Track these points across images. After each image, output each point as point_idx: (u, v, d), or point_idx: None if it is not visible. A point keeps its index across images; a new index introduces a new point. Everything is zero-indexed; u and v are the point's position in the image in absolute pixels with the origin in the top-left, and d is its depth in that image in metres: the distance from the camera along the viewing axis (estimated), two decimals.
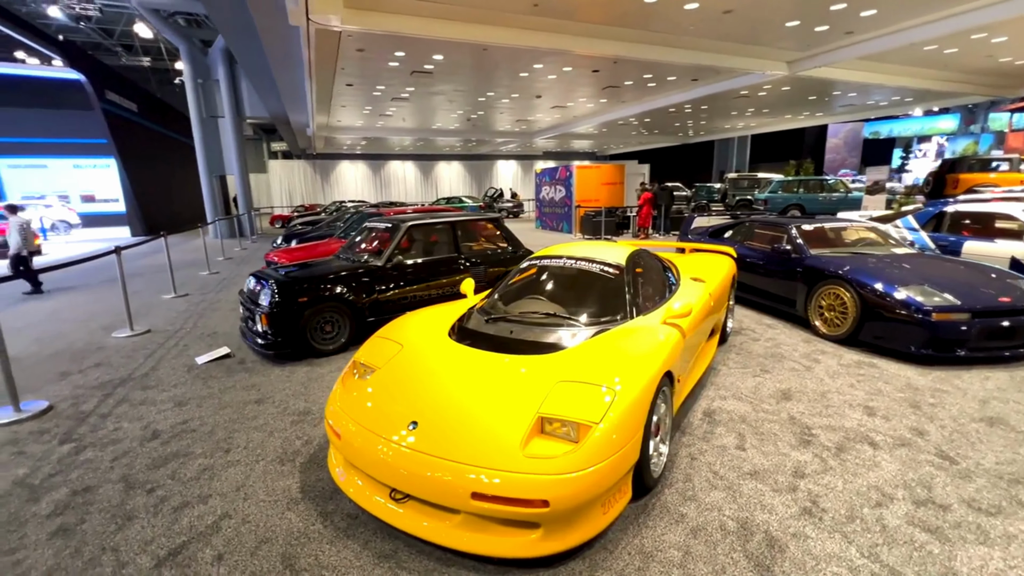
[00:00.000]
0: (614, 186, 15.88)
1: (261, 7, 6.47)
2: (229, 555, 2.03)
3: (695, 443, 2.84)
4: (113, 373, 4.18)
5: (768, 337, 4.75)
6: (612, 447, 1.94)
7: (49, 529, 2.21)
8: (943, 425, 2.98)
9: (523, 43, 8.10)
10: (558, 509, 1.81)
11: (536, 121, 19.92)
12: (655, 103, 14.84)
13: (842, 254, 5.00)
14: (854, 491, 2.36)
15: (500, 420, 2.06)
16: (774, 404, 3.31)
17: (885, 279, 4.20)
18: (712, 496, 2.35)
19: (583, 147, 31.82)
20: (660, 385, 2.35)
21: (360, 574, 1.92)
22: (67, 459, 2.81)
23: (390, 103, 14.08)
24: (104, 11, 18.17)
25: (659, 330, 2.74)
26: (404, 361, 2.62)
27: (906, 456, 2.65)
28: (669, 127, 21.35)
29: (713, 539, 2.06)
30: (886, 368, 3.90)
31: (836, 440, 2.83)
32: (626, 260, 3.28)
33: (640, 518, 2.21)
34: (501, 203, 25.15)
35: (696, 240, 6.83)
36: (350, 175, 27.07)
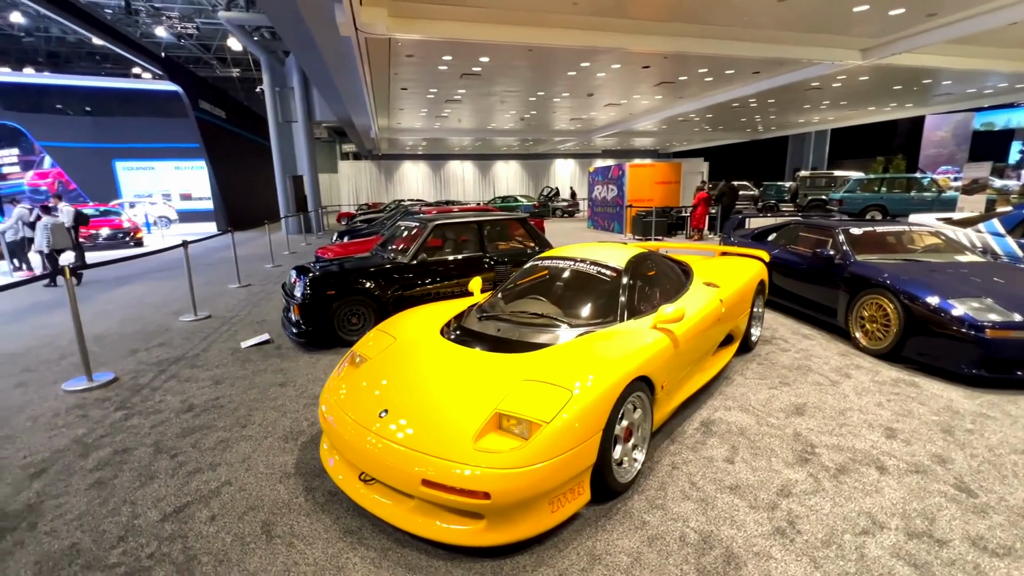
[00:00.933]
0: (669, 185, 15.33)
1: (317, 21, 6.98)
2: (221, 517, 2.29)
3: (682, 452, 2.76)
4: (171, 352, 4.74)
5: (800, 348, 4.45)
6: (560, 447, 1.97)
7: (89, 481, 2.60)
8: (974, 454, 2.67)
9: (566, 42, 8.08)
10: (500, 502, 1.87)
11: (593, 119, 19.66)
12: (715, 98, 14.15)
13: (892, 261, 4.57)
14: (841, 515, 2.21)
15: (460, 413, 2.15)
16: (782, 418, 3.13)
17: (934, 289, 3.80)
18: (682, 507, 2.29)
19: (644, 145, 30.91)
20: (631, 390, 2.33)
21: (324, 545, 2.09)
22: (117, 424, 3.26)
23: (444, 105, 14.55)
24: (202, 28, 20.27)
25: (645, 334, 2.70)
26: (393, 354, 2.78)
27: (916, 484, 2.42)
28: (735, 123, 20.22)
29: (668, 549, 2.03)
30: (927, 388, 3.54)
31: (839, 461, 2.64)
32: (626, 263, 3.25)
33: (600, 521, 2.21)
34: (556, 202, 25.13)
35: (740, 243, 6.50)
36: (412, 175, 28.20)
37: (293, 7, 6.49)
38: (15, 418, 3.37)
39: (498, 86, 12.41)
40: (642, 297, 3.13)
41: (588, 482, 2.16)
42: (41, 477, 2.64)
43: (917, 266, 4.38)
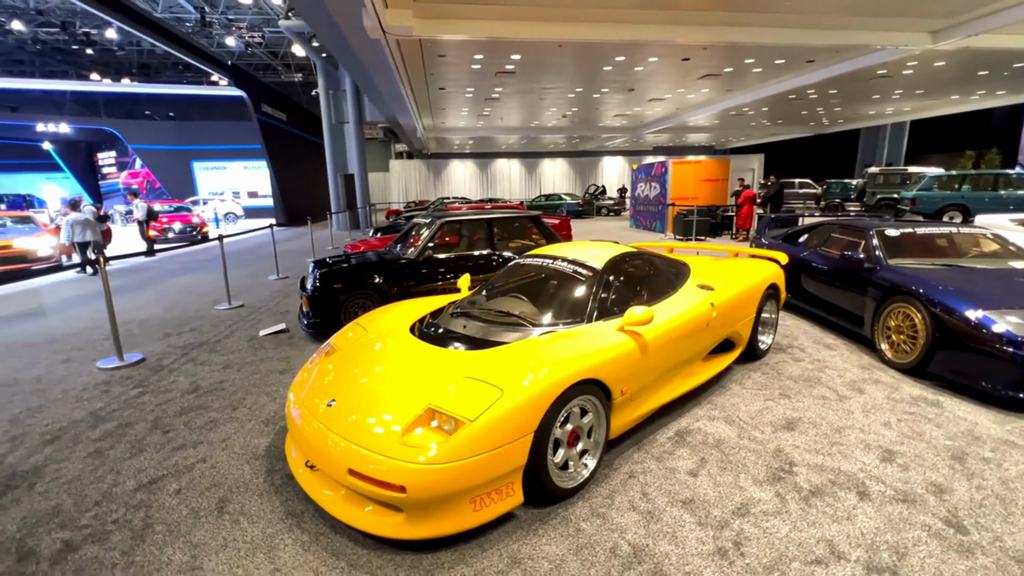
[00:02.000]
0: (716, 183, 14.61)
1: (348, 25, 7.27)
2: (186, 491, 2.46)
3: (646, 461, 2.64)
4: (198, 337, 5.13)
5: (817, 358, 4.11)
6: (482, 445, 1.95)
7: (89, 450, 2.88)
8: (982, 486, 2.36)
9: (596, 36, 7.89)
10: (415, 497, 1.88)
11: (640, 115, 19.10)
12: (767, 90, 13.29)
13: (929, 266, 4.12)
14: (797, 541, 2.03)
15: (398, 406, 2.18)
16: (768, 432, 2.91)
17: (971, 298, 3.38)
18: (625, 517, 2.20)
19: (698, 141, 29.64)
20: (575, 393, 2.26)
21: (265, 525, 2.20)
22: (131, 400, 3.58)
23: (484, 104, 14.67)
24: (269, 37, 21.71)
25: (607, 336, 2.61)
26: (361, 346, 2.86)
27: (899, 514, 2.18)
28: (795, 116, 18.91)
29: (594, 560, 1.95)
30: (951, 409, 3.16)
31: (817, 482, 2.42)
32: (605, 263, 3.15)
33: (534, 525, 2.16)
34: (602, 200, 24.68)
35: (770, 244, 6.10)
36: (459, 173, 28.70)
37: (326, 13, 6.79)
38: (51, 390, 3.79)
39: (534, 83, 12.36)
40: (619, 298, 3.02)
41: (520, 484, 2.12)
42: (53, 444, 2.96)
43: (957, 272, 3.92)
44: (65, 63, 28.61)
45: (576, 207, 23.28)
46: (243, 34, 20.68)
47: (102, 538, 2.13)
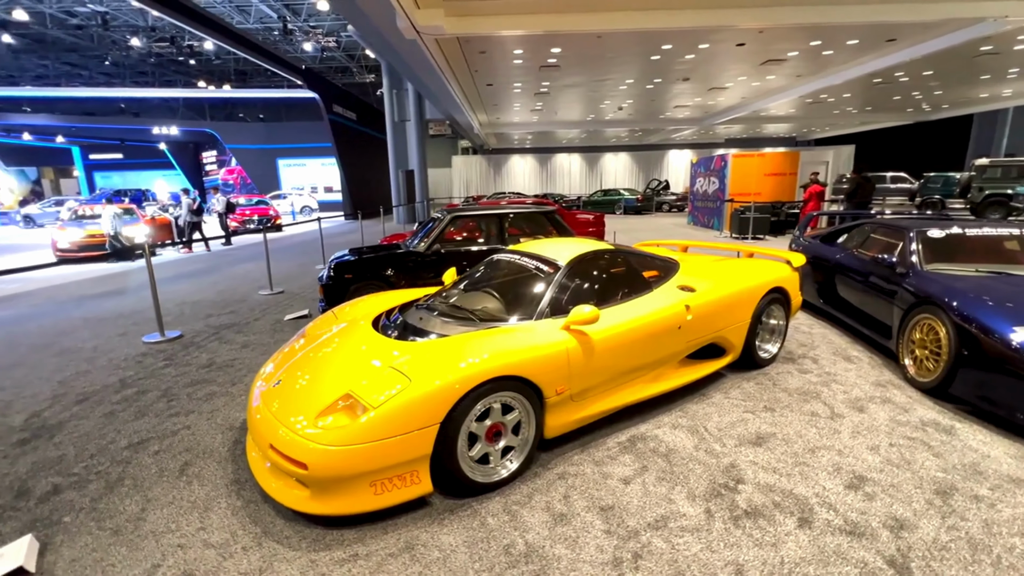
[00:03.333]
0: (782, 177, 13.52)
1: (386, 27, 7.59)
2: (162, 452, 2.78)
3: (584, 463, 2.58)
4: (233, 319, 5.68)
5: (828, 371, 3.73)
6: (382, 432, 2.02)
7: (106, 411, 3.33)
8: (955, 527, 2.05)
9: (634, 25, 7.59)
10: (316, 475, 2.01)
11: (704, 105, 18.03)
12: (844, 74, 11.98)
13: (971, 273, 3.58)
14: (703, 561, 1.90)
15: (325, 390, 2.31)
16: (730, 446, 2.72)
17: (1003, 311, 2.91)
18: (535, 517, 2.18)
19: (777, 131, 27.41)
20: (493, 389, 2.26)
21: (211, 489, 2.44)
22: (157, 371, 4.07)
23: (534, 98, 14.61)
24: (346, 41, 23.17)
25: (547, 334, 2.57)
26: (325, 333, 3.04)
27: (835, 547, 1.96)
28: (885, 101, 16.87)
29: (484, 555, 1.97)
30: (964, 437, 2.75)
31: (758, 503, 2.24)
32: (570, 259, 3.09)
33: (443, 514, 2.21)
34: (664, 196, 23.70)
35: (808, 245, 5.59)
36: (519, 169, 28.82)
37: (365, 17, 7.15)
38: (100, 358, 4.41)
39: (582, 76, 12.11)
40: (579, 296, 2.95)
41: (427, 473, 2.17)
42: (81, 403, 3.46)
43: (1002, 282, 3.38)
44: (178, 73, 32.25)
45: (635, 203, 22.58)
46: (319, 39, 22.19)
47: (82, 486, 2.48)
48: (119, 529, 2.16)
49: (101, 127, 31.80)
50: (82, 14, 21.22)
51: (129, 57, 27.53)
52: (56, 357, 4.47)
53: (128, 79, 31.39)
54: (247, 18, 22.76)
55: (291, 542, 2.06)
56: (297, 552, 2.00)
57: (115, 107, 33.78)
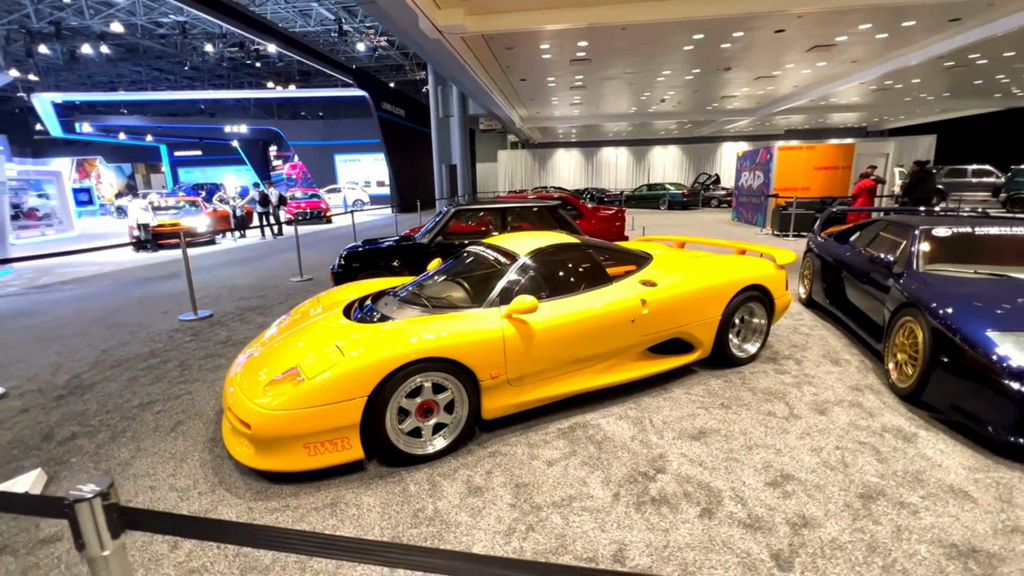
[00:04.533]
0: (834, 171, 12.65)
1: (410, 28, 7.91)
2: (162, 412, 3.22)
3: (518, 445, 2.73)
4: (261, 303, 6.25)
5: (807, 373, 3.61)
6: (313, 401, 2.28)
7: (130, 376, 3.86)
8: (863, 530, 2.02)
9: (658, 16, 7.42)
10: (257, 434, 2.30)
11: (760, 95, 17.10)
12: (906, 58, 10.95)
13: (969, 274, 3.34)
14: (590, 538, 2.01)
15: (282, 363, 2.60)
16: (668, 439, 2.76)
17: (981, 314, 2.73)
18: (452, 488, 2.36)
19: (844, 121, 25.43)
20: (424, 369, 2.46)
21: (191, 444, 2.81)
22: (182, 344, 4.62)
23: (571, 92, 14.51)
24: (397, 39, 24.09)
25: (488, 322, 2.73)
26: (303, 315, 3.36)
27: (726, 537, 2.00)
28: (965, 86, 15.22)
29: (395, 514, 2.18)
30: (923, 446, 2.63)
31: (669, 492, 2.29)
32: (528, 252, 3.22)
33: (374, 479, 2.44)
34: (713, 190, 22.76)
35: (823, 242, 5.34)
36: (564, 163, 28.67)
37: (390, 21, 7.50)
38: (140, 332, 5.04)
39: (615, 69, 11.90)
40: (532, 287, 3.07)
41: (357, 440, 2.41)
42: (114, 368, 4.02)
43: (996, 285, 3.13)
44: (249, 75, 34.67)
45: (680, 198, 21.85)
46: (373, 39, 23.17)
47: (93, 435, 2.95)
48: (109, 470, 2.57)
49: (182, 127, 34.86)
50: (166, 24, 23.40)
51: (207, 62, 30.01)
52: (107, 329, 5.16)
53: (207, 82, 34.20)
54: (308, 21, 24.16)
55: (238, 492, 2.37)
56: (240, 500, 2.31)
57: (196, 108, 37.05)
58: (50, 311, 6.08)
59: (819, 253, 5.20)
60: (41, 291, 7.40)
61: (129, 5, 20.72)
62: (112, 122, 32.26)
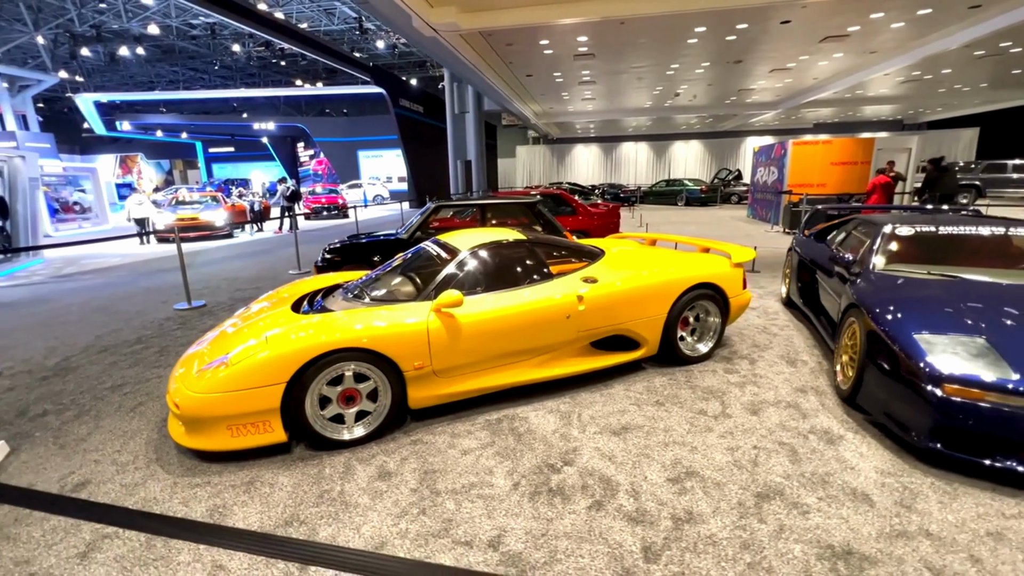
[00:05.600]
0: (853, 166, 12.17)
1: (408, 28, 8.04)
2: (129, 394, 3.46)
3: (442, 435, 2.82)
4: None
5: (755, 373, 3.57)
6: (234, 386, 2.44)
7: (113, 360, 4.14)
8: (745, 527, 2.03)
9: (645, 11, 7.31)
10: (184, 414, 2.48)
11: (779, 88, 16.54)
12: (930, 47, 10.39)
13: (921, 274, 3.23)
14: (476, 523, 2.09)
15: (219, 351, 2.77)
16: (588, 434, 2.80)
17: (913, 315, 2.66)
18: (364, 472, 2.48)
19: (879, 114, 24.30)
20: (344, 359, 2.58)
21: (144, 423, 3.03)
22: (169, 331, 4.90)
23: (580, 87, 14.38)
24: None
25: (415, 315, 2.83)
26: (262, 307, 3.54)
27: (604, 528, 2.04)
28: (1003, 76, 14.30)
29: (303, 493, 2.31)
30: (844, 449, 2.59)
31: (569, 484, 2.35)
32: (470, 248, 3.31)
33: (296, 461, 2.59)
34: (734, 186, 22.18)
35: (803, 240, 5.22)
36: (583, 158, 28.43)
37: (387, 20, 7.65)
38: (135, 320, 5.37)
39: (621, 64, 11.73)
40: (470, 282, 3.16)
41: (279, 424, 2.55)
42: (101, 353, 4.32)
43: (942, 286, 3.02)
44: (279, 74, 35.68)
45: (699, 194, 21.39)
46: (392, 37, 23.51)
47: (61, 412, 3.21)
48: (65, 444, 2.81)
49: (213, 124, 36.19)
50: (198, 25, 24.35)
51: (238, 61, 31.08)
52: (106, 317, 5.52)
53: (239, 81, 35.40)
54: (333, 20, 24.73)
55: (170, 468, 2.56)
56: (169, 475, 2.49)
57: (229, 106, 38.43)
58: (62, 299, 6.53)
59: (798, 252, 5.08)
60: (62, 280, 7.93)
61: (164, 7, 21.65)
62: (149, 120, 33.79)
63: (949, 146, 24.21)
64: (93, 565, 1.91)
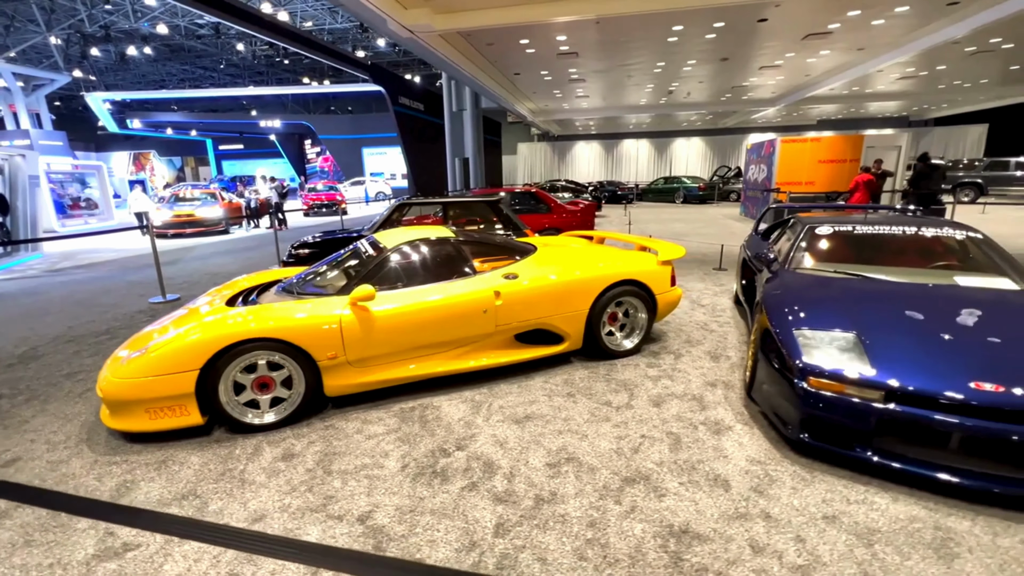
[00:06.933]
0: (841, 164, 12.10)
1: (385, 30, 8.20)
2: (82, 381, 3.69)
3: (353, 421, 2.99)
4: None
5: (676, 368, 3.68)
6: (148, 372, 2.63)
7: (76, 350, 4.39)
8: (598, 508, 2.17)
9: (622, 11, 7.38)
10: (106, 398, 2.69)
11: (772, 85, 16.41)
12: (916, 44, 10.26)
13: (831, 273, 3.32)
14: (352, 500, 2.26)
15: (147, 340, 2.98)
16: (491, 422, 2.95)
17: (804, 314, 2.76)
18: (269, 454, 2.66)
19: (884, 110, 23.91)
20: (255, 348, 2.76)
21: (86, 407, 3.25)
22: (139, 323, 5.14)
23: (571, 84, 14.42)
24: None
25: (330, 308, 3.00)
26: (208, 299, 3.74)
27: (468, 507, 2.20)
28: (1002, 72, 14.02)
29: (207, 472, 2.50)
30: (727, 440, 2.71)
31: (453, 468, 2.50)
32: (394, 245, 3.47)
33: (212, 443, 2.78)
34: (733, 184, 22.04)
35: (752, 238, 5.30)
36: (583, 155, 28.42)
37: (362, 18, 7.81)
38: (110, 312, 5.64)
39: (606, 62, 11.76)
40: (392, 277, 3.33)
41: (195, 408, 2.74)
42: (68, 343, 4.58)
43: (845, 284, 3.11)
44: (286, 72, 36.14)
45: (696, 191, 21.30)
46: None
47: (13, 396, 3.45)
48: (9, 425, 3.04)
49: (220, 122, 36.76)
50: (205, 25, 24.82)
51: (246, 60, 31.58)
52: (84, 309, 5.80)
53: (248, 79, 35.95)
54: (336, 18, 25.07)
55: (96, 447, 2.77)
56: (94, 454, 2.71)
57: (239, 104, 39.06)
58: (49, 292, 6.84)
59: (745, 250, 5.16)
60: (54, 274, 8.28)
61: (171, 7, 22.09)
62: (158, 118, 34.46)
63: (957, 143, 23.78)
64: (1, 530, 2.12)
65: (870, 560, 1.85)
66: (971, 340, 2.39)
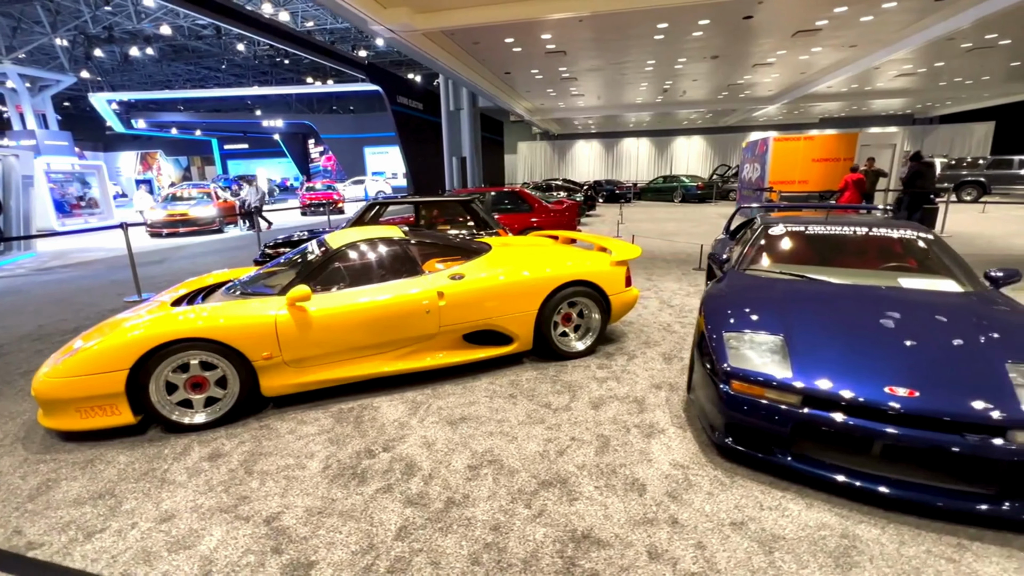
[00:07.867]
0: (835, 163, 11.94)
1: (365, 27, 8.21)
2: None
3: (289, 421, 2.99)
4: None
5: (626, 370, 3.64)
6: (75, 372, 2.65)
7: (40, 348, 4.44)
8: (504, 510, 2.15)
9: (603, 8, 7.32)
10: (36, 396, 2.71)
11: (767, 83, 16.22)
12: (909, 41, 10.08)
13: (777, 274, 3.27)
14: (266, 500, 2.26)
15: (87, 339, 3.00)
16: (425, 423, 2.94)
17: (734, 316, 2.72)
18: (197, 453, 2.67)
19: (888, 108, 23.57)
20: (187, 348, 2.77)
21: (28, 410, 3.28)
22: None
23: (564, 83, 14.34)
24: None
25: (267, 307, 3.00)
26: (160, 299, 3.77)
27: (377, 510, 2.19)
28: (1002, 69, 13.74)
29: (132, 470, 2.52)
30: (654, 442, 2.67)
31: (376, 469, 2.49)
32: (341, 245, 3.47)
33: (143, 442, 2.79)
34: (731, 183, 21.88)
35: (721, 239, 5.25)
36: (584, 154, 28.30)
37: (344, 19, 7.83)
38: (84, 311, 5.70)
39: (597, 60, 11.67)
40: (335, 277, 3.33)
41: (126, 407, 2.75)
42: (34, 341, 4.63)
43: (786, 285, 3.06)
44: (291, 72, 36.36)
45: (695, 190, 21.14)
46: None
47: None
48: None
49: (224, 121, 37.07)
50: (207, 25, 25.04)
51: (248, 60, 31.82)
52: (59, 308, 5.87)
53: (252, 79, 36.22)
54: (337, 18, 25.18)
55: (31, 445, 2.80)
56: (26, 452, 2.73)
57: (244, 104, 39.38)
58: (32, 291, 6.93)
59: (711, 251, 5.11)
60: (42, 273, 8.39)
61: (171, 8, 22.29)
62: (163, 118, 34.81)
63: (962, 141, 23.40)
64: None
65: (766, 568, 1.81)
66: (895, 343, 2.34)
